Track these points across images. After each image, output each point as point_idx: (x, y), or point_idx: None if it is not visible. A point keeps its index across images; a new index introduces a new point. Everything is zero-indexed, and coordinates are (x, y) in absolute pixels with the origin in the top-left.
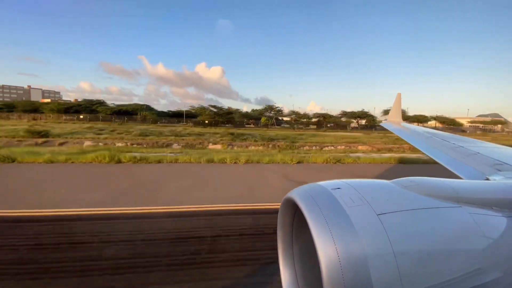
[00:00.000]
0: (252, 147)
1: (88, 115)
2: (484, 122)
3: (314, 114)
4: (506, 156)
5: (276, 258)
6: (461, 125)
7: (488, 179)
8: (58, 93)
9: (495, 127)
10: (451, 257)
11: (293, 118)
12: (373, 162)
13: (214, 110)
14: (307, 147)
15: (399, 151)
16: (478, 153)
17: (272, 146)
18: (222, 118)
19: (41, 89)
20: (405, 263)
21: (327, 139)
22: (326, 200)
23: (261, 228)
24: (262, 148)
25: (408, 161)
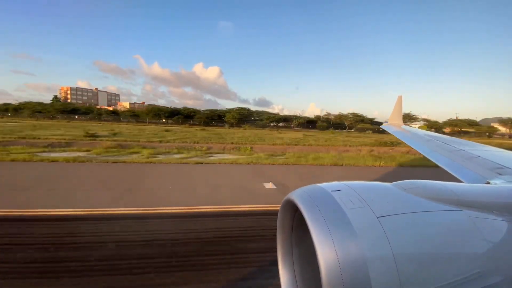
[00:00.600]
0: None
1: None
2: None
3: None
4: (507, 160)
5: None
6: (495, 130)
7: (489, 183)
8: (118, 96)
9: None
10: (452, 261)
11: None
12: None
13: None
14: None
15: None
16: (479, 157)
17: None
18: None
19: (106, 92)
20: (405, 267)
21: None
22: (326, 202)
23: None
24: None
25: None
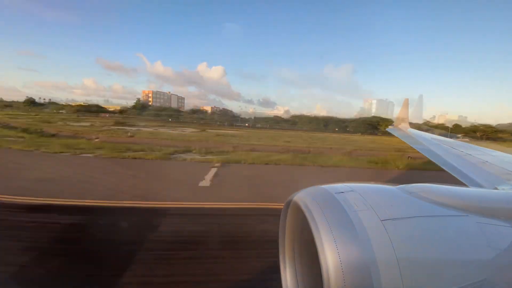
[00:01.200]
0: None
1: None
2: None
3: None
4: None
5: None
6: None
7: (497, 189)
8: (183, 99)
9: None
10: (456, 267)
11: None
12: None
13: None
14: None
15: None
16: (487, 162)
17: None
18: None
19: (176, 95)
20: (408, 271)
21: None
22: (330, 204)
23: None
24: None
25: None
